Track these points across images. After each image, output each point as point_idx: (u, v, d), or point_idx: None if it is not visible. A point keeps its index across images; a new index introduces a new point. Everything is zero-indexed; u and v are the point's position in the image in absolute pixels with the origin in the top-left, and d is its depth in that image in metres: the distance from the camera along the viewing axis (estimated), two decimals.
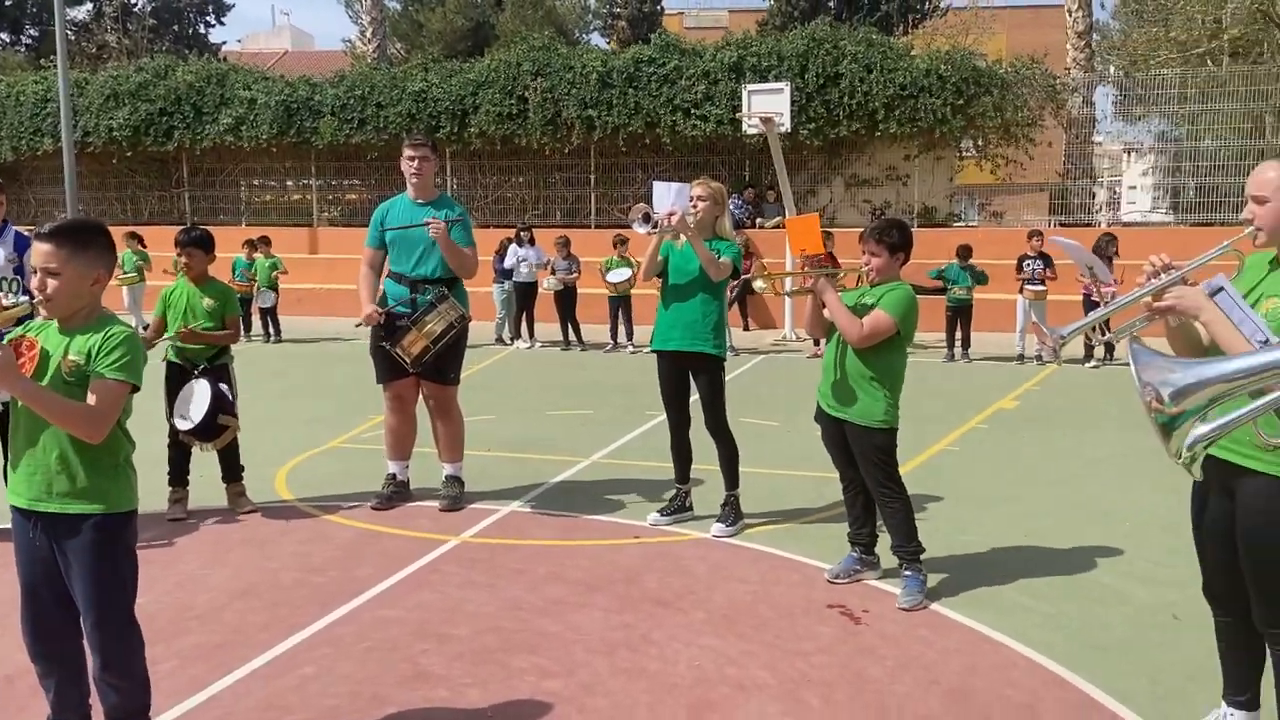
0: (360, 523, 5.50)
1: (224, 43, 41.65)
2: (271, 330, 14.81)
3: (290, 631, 4.01)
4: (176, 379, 5.57)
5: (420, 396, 5.82)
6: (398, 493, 5.86)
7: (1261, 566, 2.78)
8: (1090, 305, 11.23)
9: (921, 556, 4.41)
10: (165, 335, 5.60)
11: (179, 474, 5.67)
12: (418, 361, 5.50)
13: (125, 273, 15.19)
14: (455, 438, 5.87)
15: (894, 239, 4.42)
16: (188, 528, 5.42)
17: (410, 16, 36.53)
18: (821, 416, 4.59)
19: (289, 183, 22.48)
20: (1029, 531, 5.36)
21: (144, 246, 15.82)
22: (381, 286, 5.80)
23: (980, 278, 12.53)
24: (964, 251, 12.63)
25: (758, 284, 4.69)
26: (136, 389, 2.80)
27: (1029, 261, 12.52)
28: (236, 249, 15.11)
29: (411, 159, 5.64)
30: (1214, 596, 3.05)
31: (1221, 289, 2.69)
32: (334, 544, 5.14)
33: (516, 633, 4.02)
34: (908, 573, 4.38)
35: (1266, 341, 2.57)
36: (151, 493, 5.76)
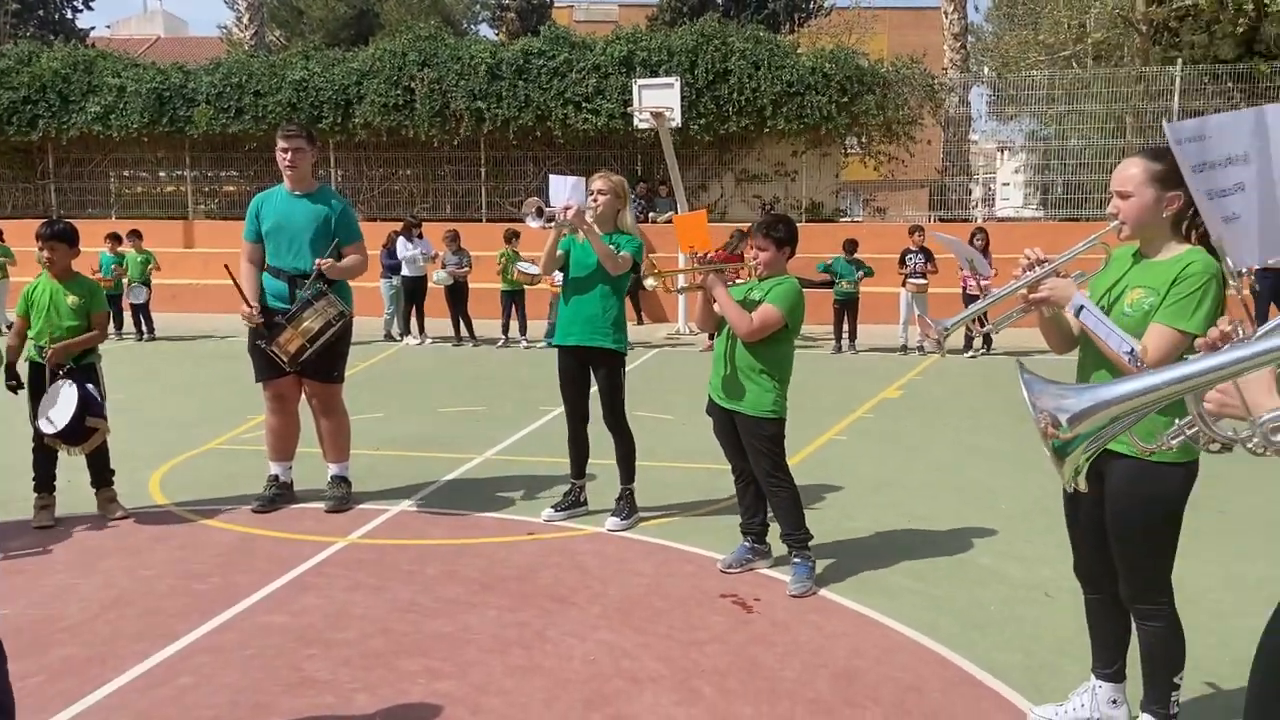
0: (241, 526, 5.31)
1: (92, 28, 39.53)
2: (144, 328, 14.19)
3: (167, 641, 3.85)
4: (40, 380, 5.27)
5: (303, 395, 5.65)
6: (280, 495, 5.68)
7: (1127, 545, 2.93)
8: (969, 299, 11.65)
9: (810, 544, 4.50)
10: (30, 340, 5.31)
11: (45, 480, 5.37)
12: (295, 360, 5.32)
13: None
14: (340, 436, 5.71)
15: (781, 234, 4.50)
16: (57, 535, 5.15)
17: (290, 3, 35.43)
18: (713, 409, 4.64)
19: (161, 174, 21.57)
20: (912, 516, 5.53)
21: (3, 241, 14.93)
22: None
23: (867, 271, 12.86)
24: (850, 245, 12.95)
25: (648, 282, 4.70)
26: None
27: (911, 255, 12.92)
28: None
29: (285, 150, 5.44)
30: (1084, 575, 3.20)
31: (1082, 307, 2.81)
32: (213, 549, 4.95)
33: (407, 635, 3.94)
34: (796, 560, 4.46)
35: (1133, 351, 2.70)
36: (16, 500, 5.48)
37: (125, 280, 13.80)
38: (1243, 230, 1.65)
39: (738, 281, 4.63)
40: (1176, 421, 1.73)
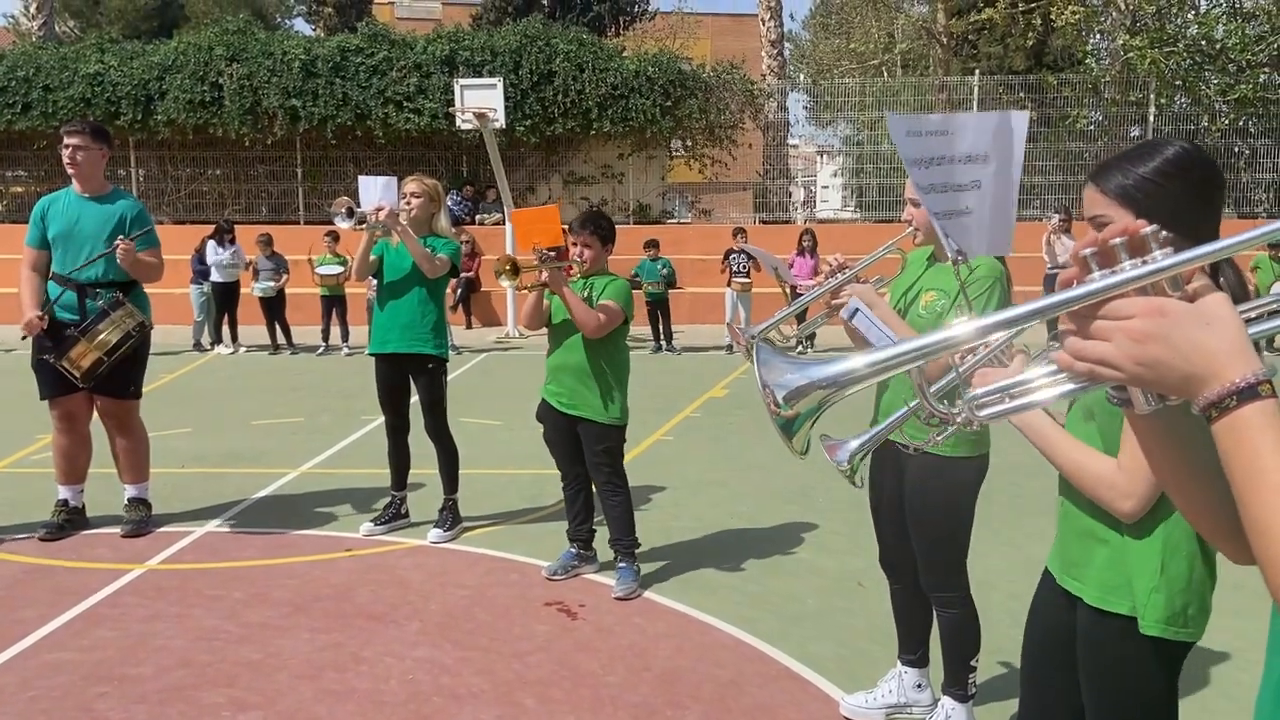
0: (26, 557, 4.88)
1: None
2: None
3: None
4: None
5: (95, 412, 5.24)
6: (71, 520, 5.25)
7: (924, 537, 3.07)
8: (796, 295, 12.05)
9: (636, 550, 4.52)
10: None
11: None
12: (89, 375, 4.94)
13: None
14: (138, 456, 5.33)
15: (605, 230, 4.49)
16: None
17: None
18: (548, 414, 4.56)
19: None
20: (735, 514, 5.65)
21: None
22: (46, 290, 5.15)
23: (669, 279, 13.10)
24: (651, 244, 13.17)
25: (503, 281, 4.44)
26: None
27: (735, 256, 13.25)
28: None
29: (67, 147, 5.03)
30: (888, 565, 3.34)
31: (856, 310, 2.92)
32: None
33: (210, 665, 3.71)
34: (622, 564, 4.48)
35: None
36: None
37: None
38: (975, 224, 1.75)
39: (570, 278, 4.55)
40: (907, 404, 1.81)
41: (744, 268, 13.19)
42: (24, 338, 5.11)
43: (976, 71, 20.49)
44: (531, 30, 18.60)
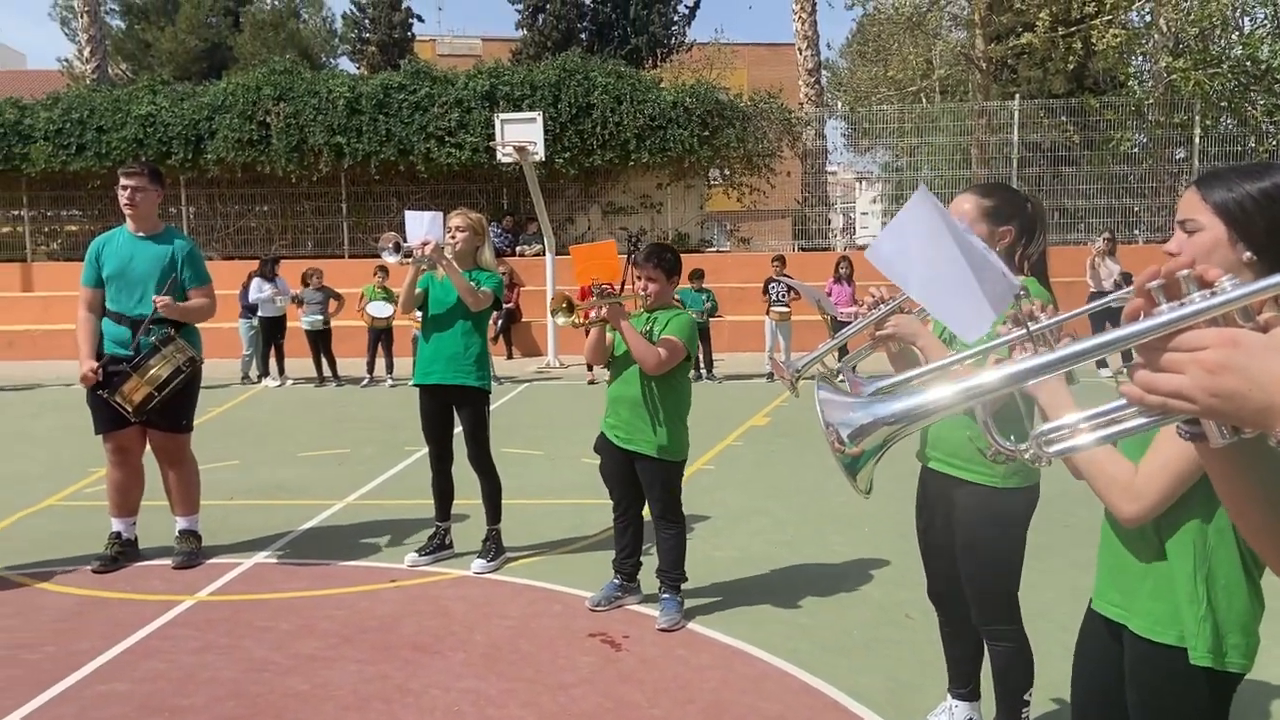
0: (80, 589, 4.97)
1: None
2: None
3: None
4: None
5: (148, 446, 5.35)
6: (124, 552, 5.34)
7: (974, 570, 3.02)
8: (838, 325, 11.99)
9: (683, 585, 4.51)
10: None
11: None
12: (141, 410, 5.04)
13: None
14: (189, 488, 5.43)
15: (670, 263, 4.47)
16: None
17: (136, 35, 33.99)
18: (606, 447, 4.55)
19: None
20: (779, 544, 5.61)
21: None
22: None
23: (712, 306, 13.10)
24: (696, 275, 13.19)
25: (560, 319, 4.47)
26: None
27: (774, 284, 13.23)
28: None
29: (125, 188, 5.19)
30: (936, 597, 3.29)
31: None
32: (49, 615, 4.61)
33: (260, 696, 3.74)
34: (666, 595, 4.46)
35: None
36: None
37: None
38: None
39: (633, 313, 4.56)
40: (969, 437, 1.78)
41: (783, 297, 13.17)
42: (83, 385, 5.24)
43: (1016, 96, 20.37)
44: (570, 64, 18.85)
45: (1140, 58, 21.65)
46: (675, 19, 31.49)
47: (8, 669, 4.00)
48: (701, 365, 13.08)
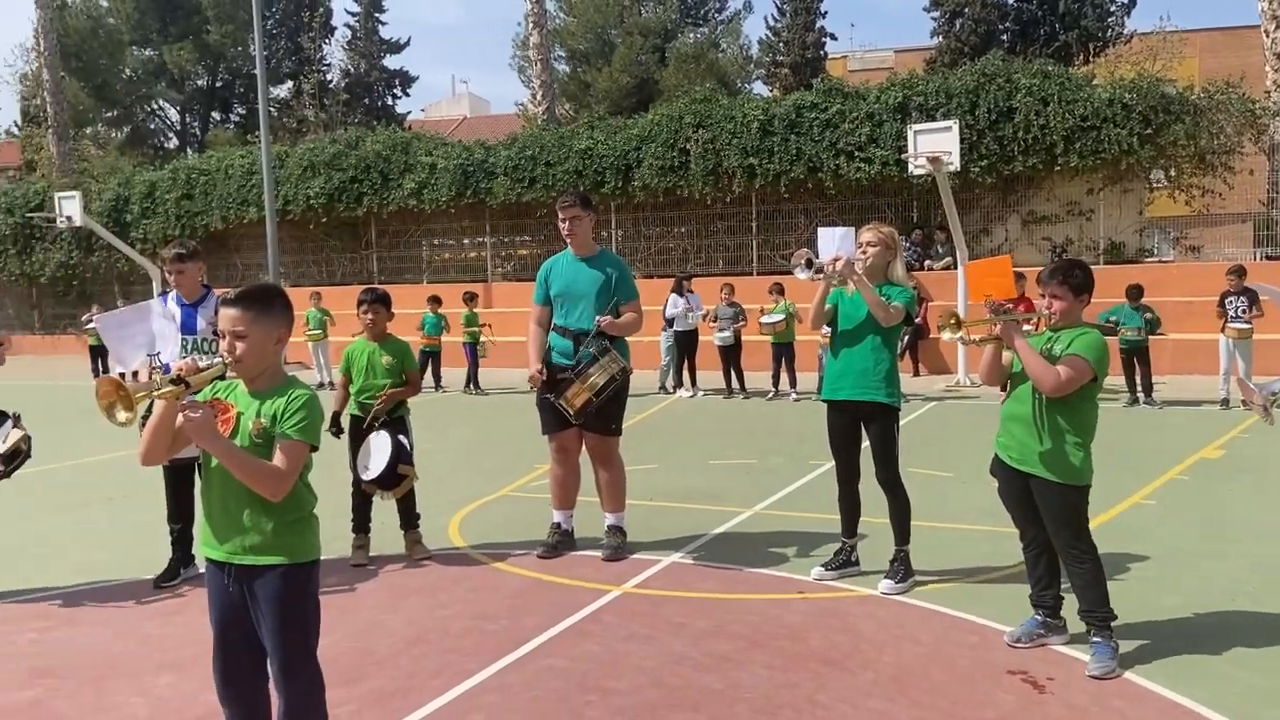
0: (527, 571, 5.60)
1: (409, 113, 44.33)
2: (467, 381, 15.44)
3: (461, 679, 4.09)
4: (360, 431, 5.86)
5: (583, 447, 5.91)
6: (562, 541, 5.95)
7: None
8: None
9: (1112, 623, 4.09)
10: (352, 395, 5.93)
11: (361, 522, 5.94)
12: (580, 413, 5.59)
13: (311, 330, 16.29)
14: (617, 487, 5.92)
15: (1078, 280, 4.17)
16: (368, 574, 5.66)
17: (579, 78, 37.87)
18: (1002, 470, 4.33)
19: (465, 241, 23.56)
20: (1237, 593, 4.90)
21: (322, 304, 16.87)
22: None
23: (1153, 323, 11.69)
24: (1134, 292, 11.87)
25: (945, 334, 4.42)
26: (315, 448, 2.94)
27: (1231, 299, 11.61)
28: (421, 305, 15.92)
29: (563, 220, 5.81)
30: None
31: None
32: (503, 592, 5.24)
33: (678, 689, 3.96)
34: (1096, 639, 4.06)
35: None
36: (336, 539, 6.09)
37: (484, 341, 15.30)
38: None
39: (1031, 333, 4.34)
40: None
41: (1242, 312, 11.50)
42: (531, 389, 5.94)
43: None
44: (990, 68, 18.01)
45: None
46: (1112, 9, 28.91)
47: (472, 636, 4.60)
48: (1139, 389, 11.82)
